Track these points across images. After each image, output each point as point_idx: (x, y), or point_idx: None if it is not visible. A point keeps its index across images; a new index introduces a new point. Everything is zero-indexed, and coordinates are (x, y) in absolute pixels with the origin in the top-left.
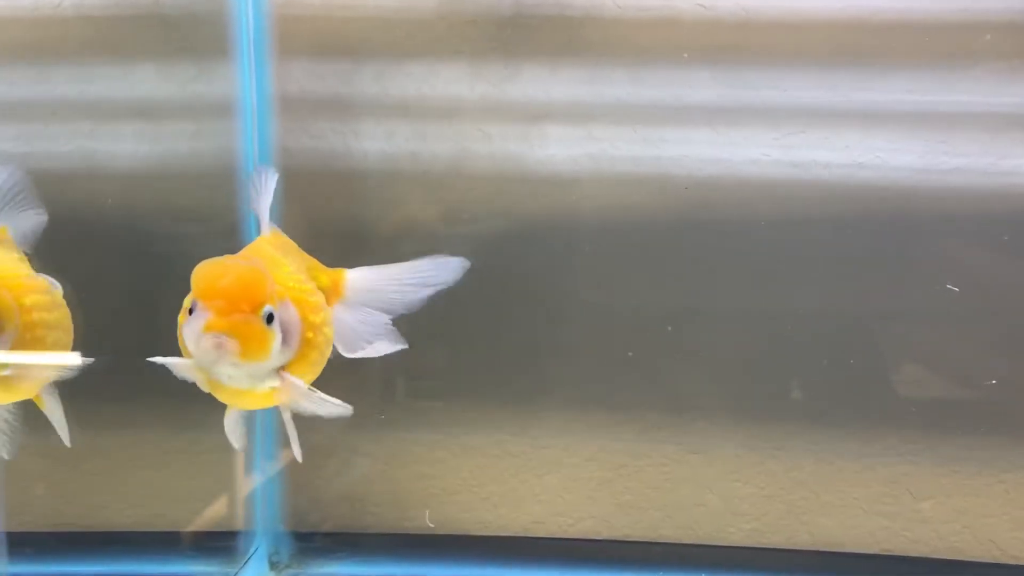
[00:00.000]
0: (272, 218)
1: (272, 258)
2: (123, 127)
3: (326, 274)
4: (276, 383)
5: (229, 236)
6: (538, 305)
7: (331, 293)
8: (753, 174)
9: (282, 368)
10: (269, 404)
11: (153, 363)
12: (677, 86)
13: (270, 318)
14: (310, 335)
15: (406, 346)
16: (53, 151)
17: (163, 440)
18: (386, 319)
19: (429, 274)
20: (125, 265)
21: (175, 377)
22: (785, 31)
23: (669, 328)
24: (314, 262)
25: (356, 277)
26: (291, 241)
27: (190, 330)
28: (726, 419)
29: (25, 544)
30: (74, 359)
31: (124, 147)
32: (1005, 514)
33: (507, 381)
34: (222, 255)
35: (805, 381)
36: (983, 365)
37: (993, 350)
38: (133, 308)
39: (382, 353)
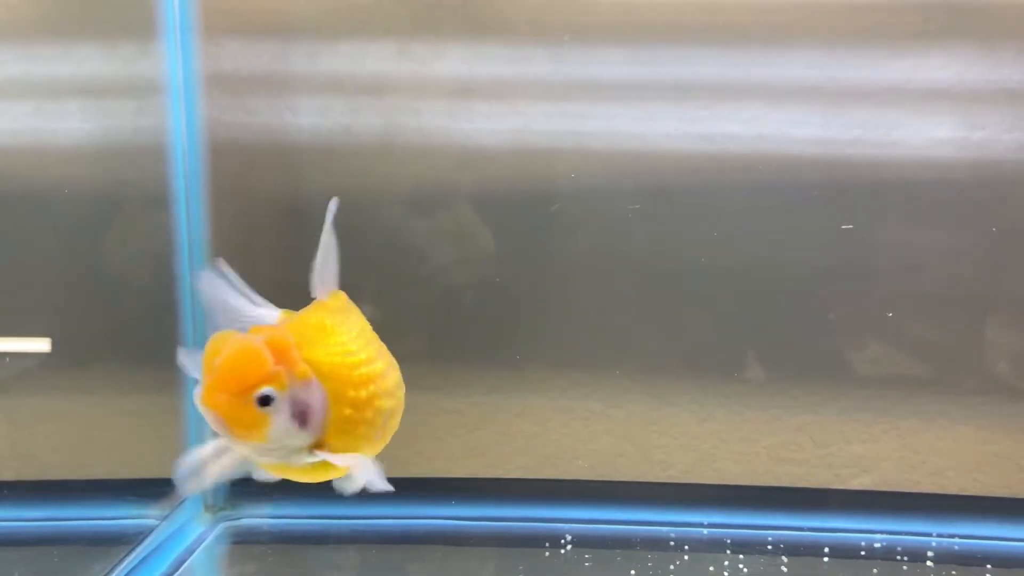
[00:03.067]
0: (206, 192)
1: (319, 327)
2: (67, 105)
3: None
4: (313, 459)
5: (164, 211)
6: (464, 271)
7: None
8: (666, 147)
9: (317, 446)
10: (325, 477)
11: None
12: (594, 64)
13: (264, 400)
14: (348, 412)
15: None
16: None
17: (114, 402)
18: None
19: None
20: (70, 240)
21: (120, 345)
22: (693, 11)
23: (590, 291)
24: None
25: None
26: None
27: (197, 394)
28: (645, 376)
29: None
30: (44, 345)
31: (69, 125)
32: (900, 458)
33: (438, 342)
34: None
35: (717, 339)
36: (881, 322)
37: (890, 308)
38: (81, 280)
39: None
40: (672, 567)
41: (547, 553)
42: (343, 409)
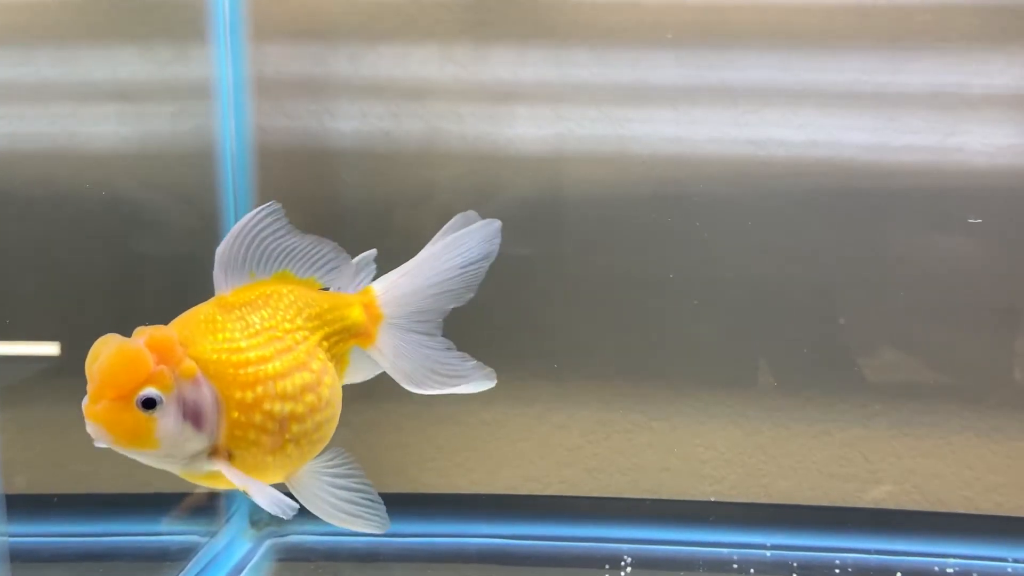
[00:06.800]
0: (250, 198)
1: (208, 322)
2: (104, 108)
3: (354, 303)
4: (212, 467)
5: (208, 215)
6: (506, 279)
7: (370, 321)
8: (713, 152)
9: (214, 452)
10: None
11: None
12: (640, 67)
13: (148, 403)
14: (235, 415)
15: (493, 383)
16: (36, 132)
17: None
18: (443, 345)
19: (463, 250)
20: (106, 244)
21: None
22: (743, 14)
23: (633, 300)
24: (335, 298)
25: (385, 287)
26: (289, 287)
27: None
28: (689, 387)
29: (13, 506)
30: (53, 348)
31: (105, 128)
32: (953, 474)
33: (480, 353)
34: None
35: (764, 350)
36: (932, 334)
37: (941, 320)
38: (114, 285)
39: (467, 391)
40: None
41: (606, 575)
42: (231, 412)
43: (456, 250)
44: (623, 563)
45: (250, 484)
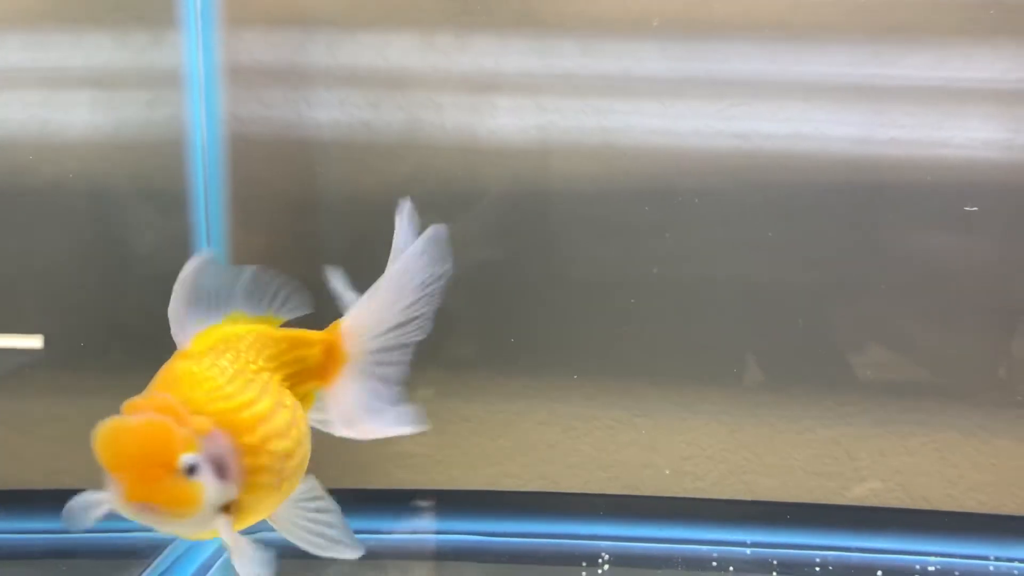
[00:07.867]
0: (224, 188)
1: (189, 377)
2: (77, 96)
3: (317, 343)
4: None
5: (179, 206)
6: (486, 272)
7: (334, 360)
8: (698, 145)
9: (229, 505)
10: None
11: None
12: (625, 58)
13: (191, 469)
14: (248, 460)
15: (425, 427)
16: (7, 119)
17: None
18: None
19: (419, 267)
20: (78, 234)
21: (128, 346)
22: (729, 5)
23: (617, 295)
24: (294, 338)
25: (355, 322)
26: (246, 327)
27: (114, 498)
28: (672, 383)
29: None
30: (37, 342)
31: (78, 116)
32: (936, 472)
33: (459, 347)
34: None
35: (749, 347)
36: (917, 331)
37: (926, 316)
38: (87, 277)
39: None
40: None
41: (584, 573)
42: (243, 457)
43: (413, 269)
44: (601, 560)
45: (236, 548)
